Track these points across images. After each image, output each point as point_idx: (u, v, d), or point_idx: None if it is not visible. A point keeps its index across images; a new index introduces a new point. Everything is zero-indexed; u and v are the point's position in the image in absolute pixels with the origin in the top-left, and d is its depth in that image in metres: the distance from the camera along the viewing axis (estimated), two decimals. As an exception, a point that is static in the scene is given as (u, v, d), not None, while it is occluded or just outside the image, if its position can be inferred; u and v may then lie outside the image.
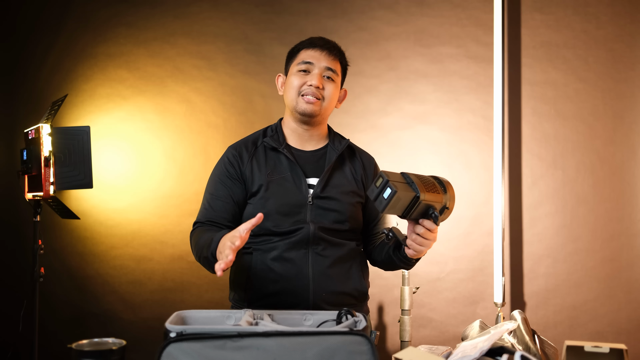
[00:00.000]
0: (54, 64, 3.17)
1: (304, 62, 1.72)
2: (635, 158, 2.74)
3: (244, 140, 1.77)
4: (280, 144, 1.72)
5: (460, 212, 2.83)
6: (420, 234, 1.48)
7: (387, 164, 2.83)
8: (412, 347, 1.32)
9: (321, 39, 1.76)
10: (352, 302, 1.69)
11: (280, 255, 1.63)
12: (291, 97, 1.72)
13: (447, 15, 2.88)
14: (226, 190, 1.70)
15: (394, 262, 1.70)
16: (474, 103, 2.85)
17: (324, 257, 1.65)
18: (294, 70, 1.74)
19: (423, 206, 1.41)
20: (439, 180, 1.49)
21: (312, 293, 1.62)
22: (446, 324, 2.82)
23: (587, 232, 2.75)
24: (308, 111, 1.70)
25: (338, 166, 1.76)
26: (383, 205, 1.34)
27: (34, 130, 2.54)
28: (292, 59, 1.77)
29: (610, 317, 2.71)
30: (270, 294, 1.62)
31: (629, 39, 2.75)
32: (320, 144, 1.78)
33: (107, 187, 3.07)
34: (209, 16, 3.07)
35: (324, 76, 1.72)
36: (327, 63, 1.72)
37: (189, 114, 3.06)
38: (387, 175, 1.35)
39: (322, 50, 1.73)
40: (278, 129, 1.78)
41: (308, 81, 1.70)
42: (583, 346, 1.20)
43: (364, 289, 1.74)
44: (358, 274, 1.73)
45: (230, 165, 1.71)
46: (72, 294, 3.10)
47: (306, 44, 1.75)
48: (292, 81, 1.73)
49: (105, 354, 1.05)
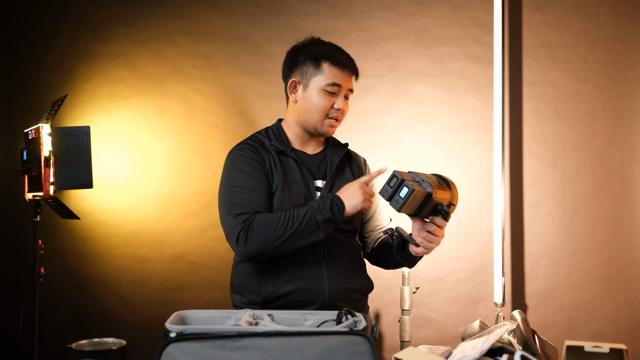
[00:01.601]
0: (54, 64, 3.17)
1: (334, 84, 1.68)
2: (635, 158, 2.74)
3: (250, 140, 1.74)
4: (286, 147, 1.72)
5: (460, 212, 2.83)
6: (431, 231, 1.54)
7: (387, 164, 2.82)
8: (412, 347, 1.32)
9: (345, 56, 1.72)
10: (360, 297, 1.76)
11: (295, 255, 1.64)
12: (315, 118, 1.70)
13: (447, 15, 2.88)
14: (259, 183, 1.65)
15: (398, 261, 1.74)
16: (474, 103, 2.85)
17: (336, 256, 1.69)
18: (319, 87, 1.68)
19: (433, 204, 1.45)
20: (442, 177, 1.54)
21: (328, 291, 1.64)
22: (446, 324, 2.82)
23: (587, 232, 2.75)
24: (329, 133, 1.74)
25: (340, 169, 1.79)
26: (400, 205, 1.37)
27: (34, 130, 2.54)
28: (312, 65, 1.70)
29: (610, 317, 2.71)
30: (285, 294, 1.64)
31: (629, 39, 2.75)
32: (319, 147, 1.80)
33: (107, 187, 3.07)
34: (209, 16, 3.07)
35: (344, 97, 1.72)
36: (351, 84, 1.73)
37: (189, 114, 3.06)
38: (400, 174, 1.38)
39: (352, 74, 1.72)
40: (280, 131, 1.77)
41: (335, 104, 1.69)
42: (583, 346, 1.20)
43: (371, 284, 1.80)
44: (364, 270, 1.80)
45: (254, 160, 1.68)
46: (72, 294, 3.10)
47: (334, 61, 1.69)
48: (319, 101, 1.69)
49: (105, 354, 1.05)
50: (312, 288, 1.63)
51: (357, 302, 1.74)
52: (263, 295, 1.65)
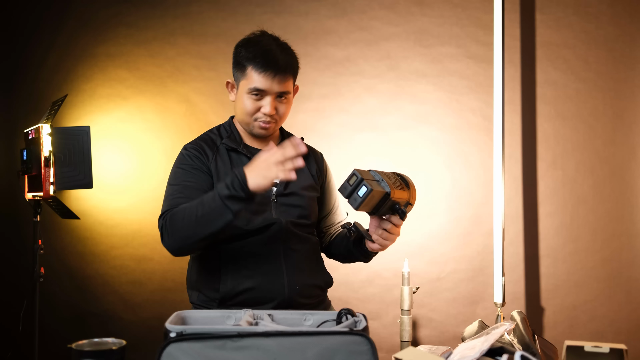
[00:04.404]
0: (54, 64, 3.17)
1: (255, 88, 1.63)
2: (635, 158, 2.74)
3: (200, 139, 1.73)
4: (238, 144, 1.72)
5: (460, 212, 2.83)
6: (388, 230, 1.55)
7: (387, 164, 2.83)
8: (412, 347, 1.32)
9: (271, 59, 1.62)
10: (319, 293, 1.76)
11: (253, 251, 1.64)
12: (244, 120, 1.69)
13: (447, 15, 2.88)
14: (197, 179, 1.63)
15: (354, 255, 1.76)
16: (474, 103, 2.85)
17: (295, 251, 1.68)
18: (244, 89, 1.66)
19: (390, 203, 1.47)
20: (402, 177, 1.57)
21: (287, 287, 1.64)
22: (446, 324, 2.82)
23: (587, 232, 2.75)
24: (263, 134, 1.71)
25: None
26: (358, 203, 1.39)
27: (34, 130, 2.54)
28: (239, 69, 1.67)
29: (610, 317, 2.71)
30: (244, 291, 1.62)
31: (629, 39, 2.75)
32: (274, 142, 1.78)
33: (107, 187, 3.07)
34: (209, 16, 3.07)
35: (277, 98, 1.66)
36: (280, 88, 1.64)
37: (189, 114, 3.06)
38: (360, 173, 1.40)
39: (274, 77, 1.61)
40: (232, 128, 1.77)
41: (262, 107, 1.65)
42: (583, 346, 1.20)
43: (330, 279, 1.81)
44: (322, 266, 1.81)
45: (197, 158, 1.67)
46: (72, 294, 3.10)
47: (257, 65, 1.62)
48: (244, 104, 1.66)
49: (105, 354, 1.05)
50: (270, 284, 1.62)
51: (317, 297, 1.74)
52: (222, 291, 1.63)
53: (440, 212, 2.85)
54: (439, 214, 2.85)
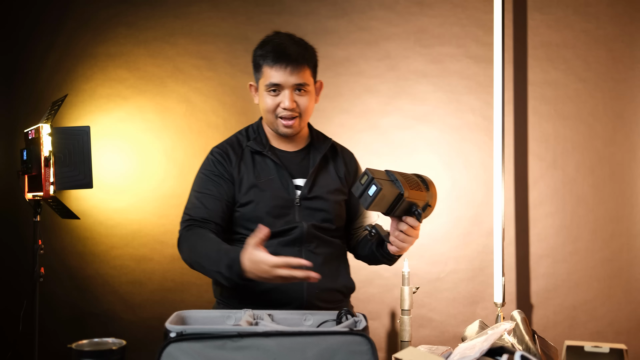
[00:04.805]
0: (54, 64, 3.17)
1: (271, 84, 1.65)
2: (635, 158, 2.74)
3: (227, 142, 1.76)
4: (264, 146, 1.72)
5: (460, 212, 2.83)
6: (404, 231, 1.51)
7: (387, 164, 2.83)
8: (412, 347, 1.32)
9: (283, 52, 1.64)
10: (340, 298, 1.74)
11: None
12: (269, 119, 1.71)
13: (447, 15, 2.88)
14: (218, 188, 1.67)
15: (377, 258, 1.74)
16: (474, 103, 2.85)
17: (316, 255, 1.67)
18: (262, 88, 1.68)
19: (406, 204, 1.44)
20: (422, 178, 1.53)
21: (306, 291, 1.63)
22: (446, 324, 2.82)
23: (587, 232, 2.75)
24: (289, 133, 1.71)
25: (322, 166, 1.77)
26: (368, 202, 1.37)
27: (34, 130, 2.54)
28: (256, 69, 1.70)
29: (610, 317, 2.71)
30: (263, 292, 1.62)
31: (629, 39, 2.75)
32: (302, 143, 1.79)
33: (107, 187, 3.07)
34: (209, 16, 3.07)
35: (296, 91, 1.67)
36: (296, 80, 1.65)
37: (189, 114, 3.06)
38: (372, 172, 1.38)
39: (286, 68, 1.63)
40: (260, 130, 1.77)
41: (281, 103, 1.66)
42: (583, 346, 1.20)
43: (352, 285, 1.79)
44: (346, 271, 1.78)
45: (220, 164, 1.70)
46: (72, 294, 3.10)
47: (269, 61, 1.65)
48: (265, 102, 1.68)
49: (105, 354, 1.05)
50: (289, 287, 1.61)
51: (337, 302, 1.71)
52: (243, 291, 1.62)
53: (440, 212, 2.84)
54: (439, 214, 2.84)
